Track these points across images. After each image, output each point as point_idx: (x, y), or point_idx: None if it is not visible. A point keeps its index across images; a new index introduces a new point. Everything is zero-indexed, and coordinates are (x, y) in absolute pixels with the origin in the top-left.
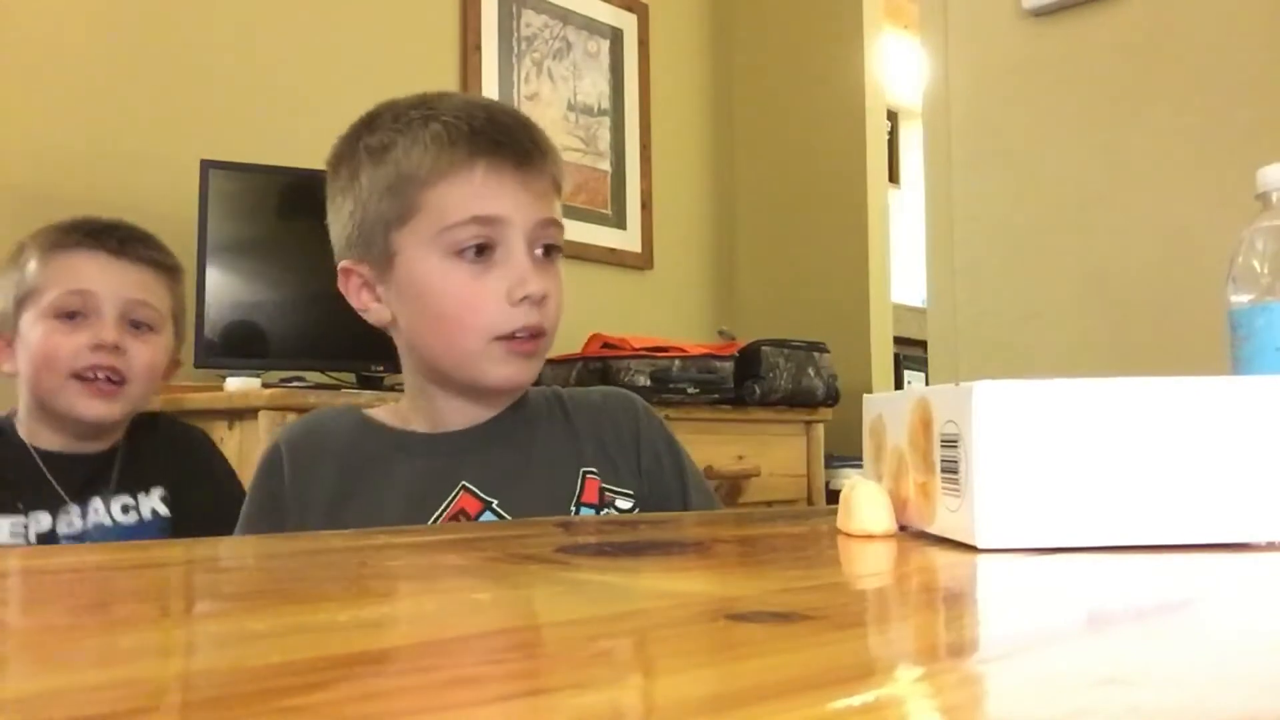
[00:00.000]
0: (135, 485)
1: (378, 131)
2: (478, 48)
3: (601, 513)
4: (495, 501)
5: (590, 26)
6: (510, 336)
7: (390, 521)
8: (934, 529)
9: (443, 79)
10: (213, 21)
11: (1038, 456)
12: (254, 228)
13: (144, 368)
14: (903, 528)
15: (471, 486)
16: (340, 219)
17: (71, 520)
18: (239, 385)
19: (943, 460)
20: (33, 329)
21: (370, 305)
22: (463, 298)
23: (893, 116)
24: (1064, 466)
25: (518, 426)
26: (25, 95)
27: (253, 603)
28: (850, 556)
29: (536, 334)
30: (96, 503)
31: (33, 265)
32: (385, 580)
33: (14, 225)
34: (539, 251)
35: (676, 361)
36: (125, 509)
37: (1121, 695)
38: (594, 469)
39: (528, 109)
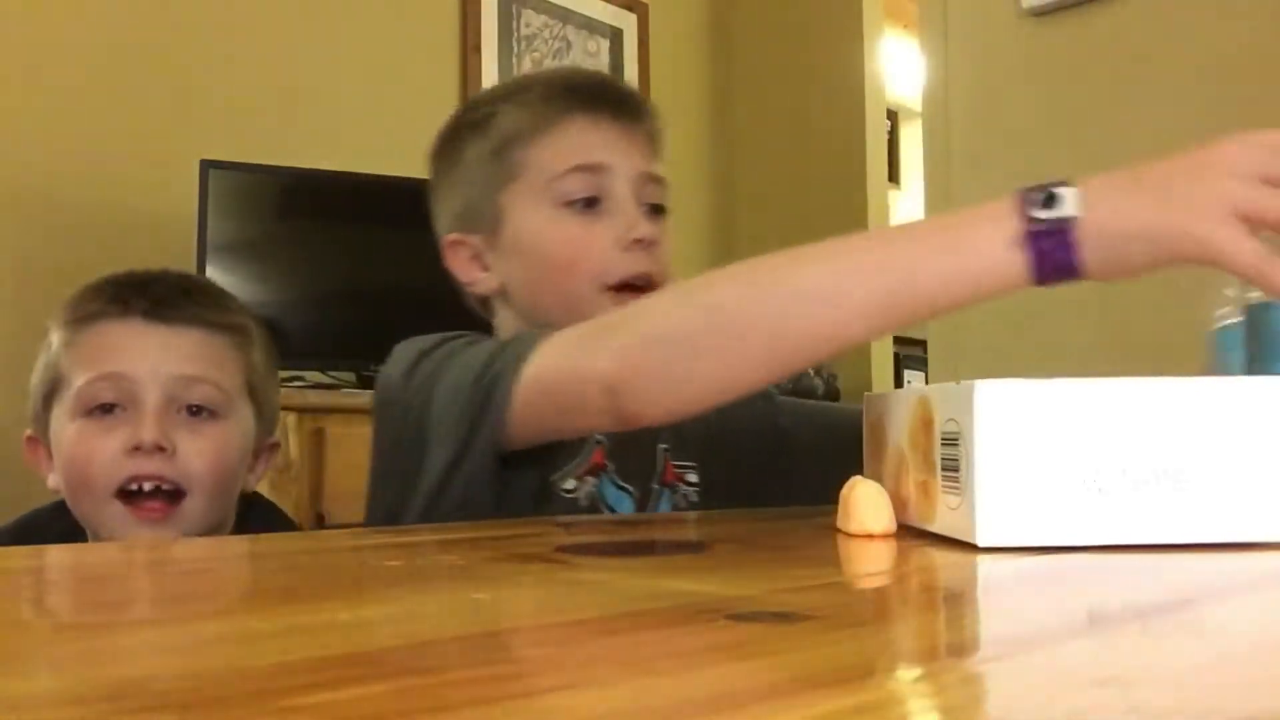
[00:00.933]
0: None
1: (479, 108)
2: (478, 48)
3: (675, 498)
4: (612, 466)
5: (590, 26)
6: (621, 287)
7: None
8: (934, 527)
9: (443, 79)
10: (212, 22)
11: (1038, 455)
12: (254, 228)
13: (207, 469)
14: (902, 527)
15: (601, 439)
16: (446, 196)
17: None
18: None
19: (943, 459)
20: (63, 432)
21: (477, 276)
22: (573, 245)
23: (893, 116)
24: (1064, 466)
25: None
26: (25, 95)
27: (253, 603)
28: (850, 556)
29: (649, 284)
30: None
31: (55, 346)
32: (385, 580)
33: (14, 225)
34: (645, 207)
35: None
36: None
37: (1122, 695)
38: (666, 444)
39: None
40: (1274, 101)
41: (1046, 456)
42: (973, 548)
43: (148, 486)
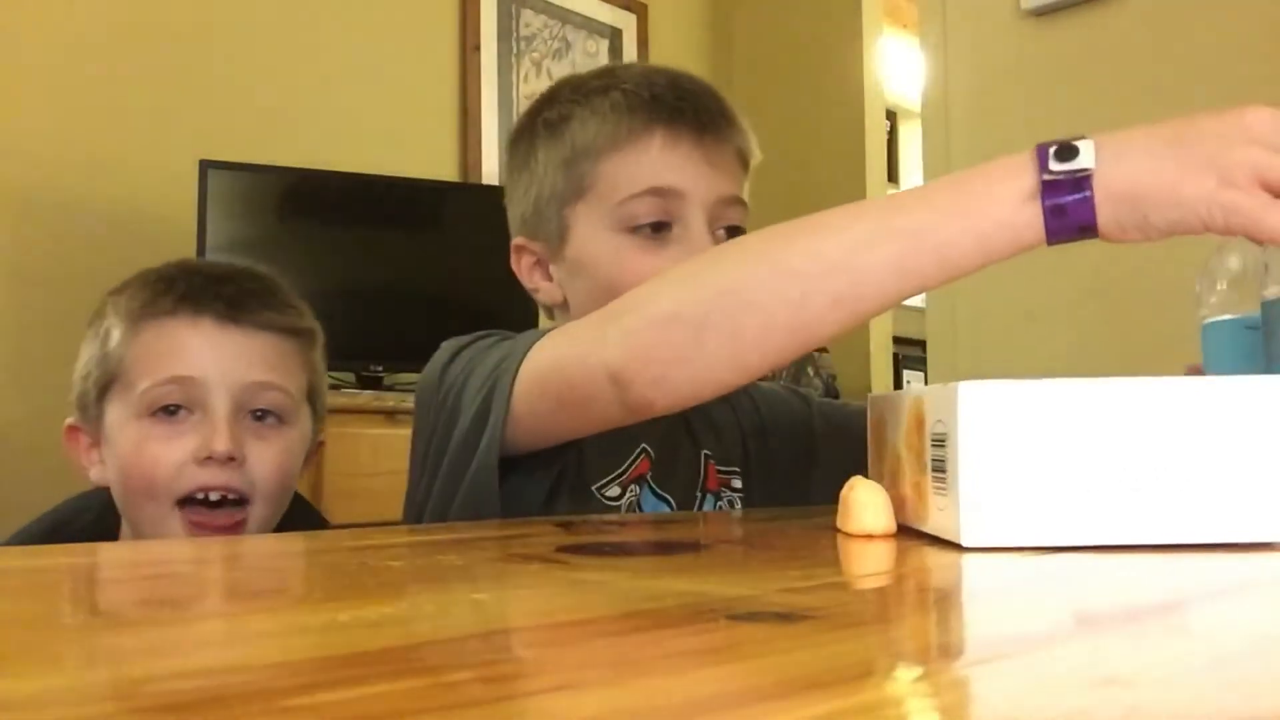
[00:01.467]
0: None
1: (556, 105)
2: (477, 48)
3: (719, 504)
4: (650, 474)
5: (589, 26)
6: None
7: (587, 465)
8: (927, 528)
9: (442, 79)
10: (212, 21)
11: (1022, 456)
12: (253, 228)
13: (272, 477)
14: (902, 528)
15: (648, 448)
16: (517, 197)
17: None
18: None
19: (933, 459)
20: (121, 432)
21: (541, 285)
22: (634, 274)
23: (892, 116)
24: (1049, 466)
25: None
26: (25, 95)
27: (253, 603)
28: (850, 556)
29: None
30: None
31: (116, 339)
32: (385, 580)
33: (14, 225)
34: (720, 232)
35: None
36: None
37: (1121, 696)
38: (710, 450)
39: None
40: (1274, 101)
41: (1031, 457)
42: (968, 548)
43: (214, 496)
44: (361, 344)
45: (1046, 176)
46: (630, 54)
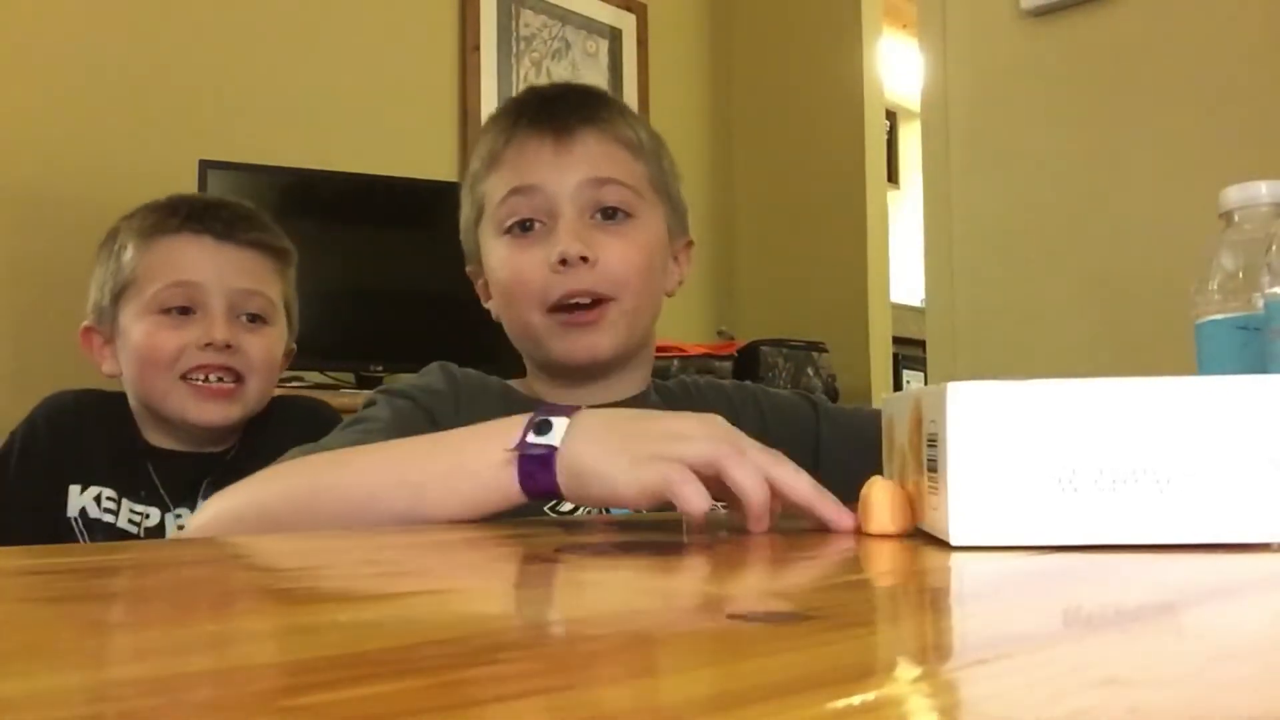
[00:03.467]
0: None
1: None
2: (476, 48)
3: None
4: None
5: (589, 26)
6: (561, 308)
7: None
8: (925, 527)
9: (442, 79)
10: (212, 22)
11: (1011, 456)
12: None
13: (261, 363)
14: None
15: None
16: (467, 216)
17: (183, 522)
18: None
19: (927, 459)
20: (134, 326)
21: (489, 303)
22: (510, 271)
23: (892, 116)
24: (1038, 466)
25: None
26: (25, 95)
27: (253, 603)
28: (851, 556)
29: (594, 300)
30: (199, 505)
31: (130, 253)
32: (385, 580)
33: (14, 225)
34: (596, 216)
35: (675, 361)
36: None
37: (1121, 696)
38: None
39: None
40: (1274, 101)
41: (1020, 457)
42: (970, 548)
43: (213, 377)
44: (361, 344)
45: (521, 449)
46: (630, 54)
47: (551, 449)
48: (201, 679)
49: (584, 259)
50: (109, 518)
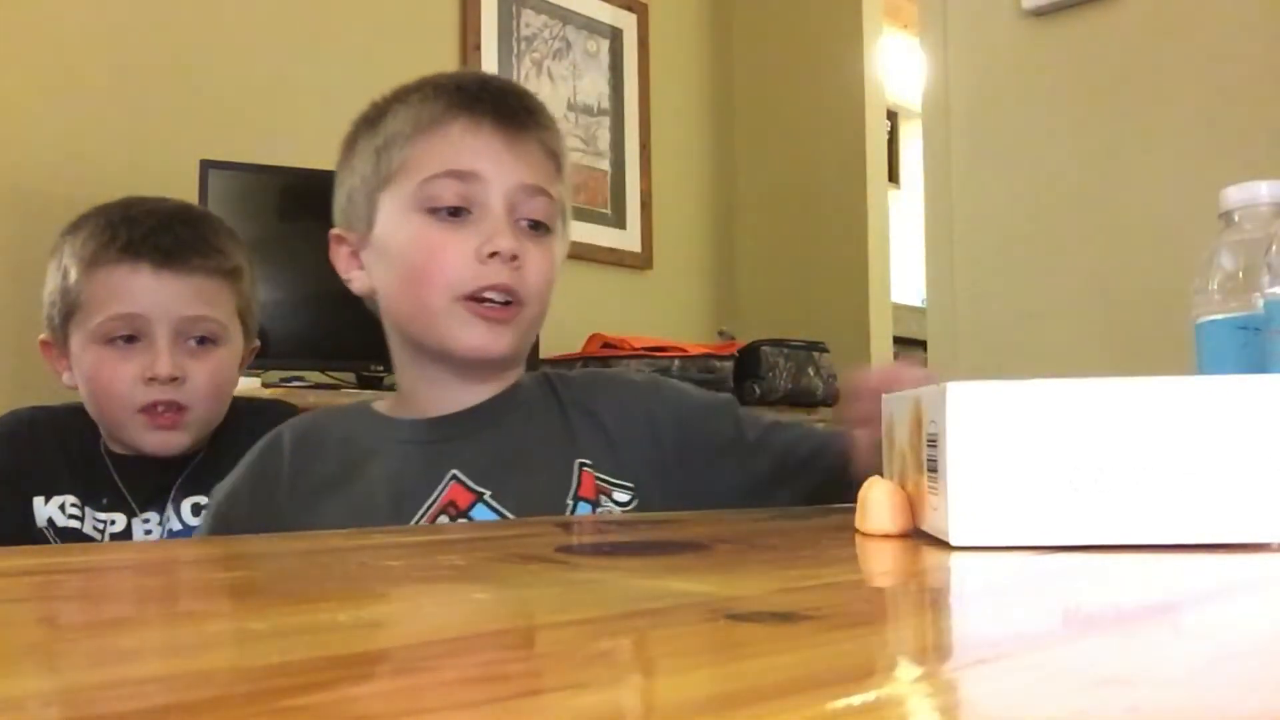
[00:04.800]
0: (213, 483)
1: (379, 104)
2: (477, 47)
3: (598, 509)
4: (488, 493)
5: (590, 26)
6: (476, 298)
7: (379, 512)
8: (925, 527)
9: None
10: (212, 22)
11: (1011, 456)
12: (253, 228)
13: (206, 388)
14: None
15: (462, 476)
16: (337, 191)
17: (150, 527)
18: (239, 385)
19: (927, 459)
20: (84, 355)
21: (353, 274)
22: (430, 252)
23: (893, 116)
24: (1038, 466)
25: (508, 413)
26: (25, 95)
27: (253, 603)
28: (851, 556)
29: (509, 300)
30: (169, 510)
31: (74, 278)
32: (385, 580)
33: (14, 225)
34: (523, 223)
35: (676, 361)
36: (196, 509)
37: (1120, 695)
38: (588, 460)
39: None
40: (1274, 101)
41: (1020, 457)
42: (970, 548)
43: (161, 409)
44: (361, 344)
45: None
46: (630, 54)
47: None
48: (201, 679)
49: (513, 258)
50: (75, 524)
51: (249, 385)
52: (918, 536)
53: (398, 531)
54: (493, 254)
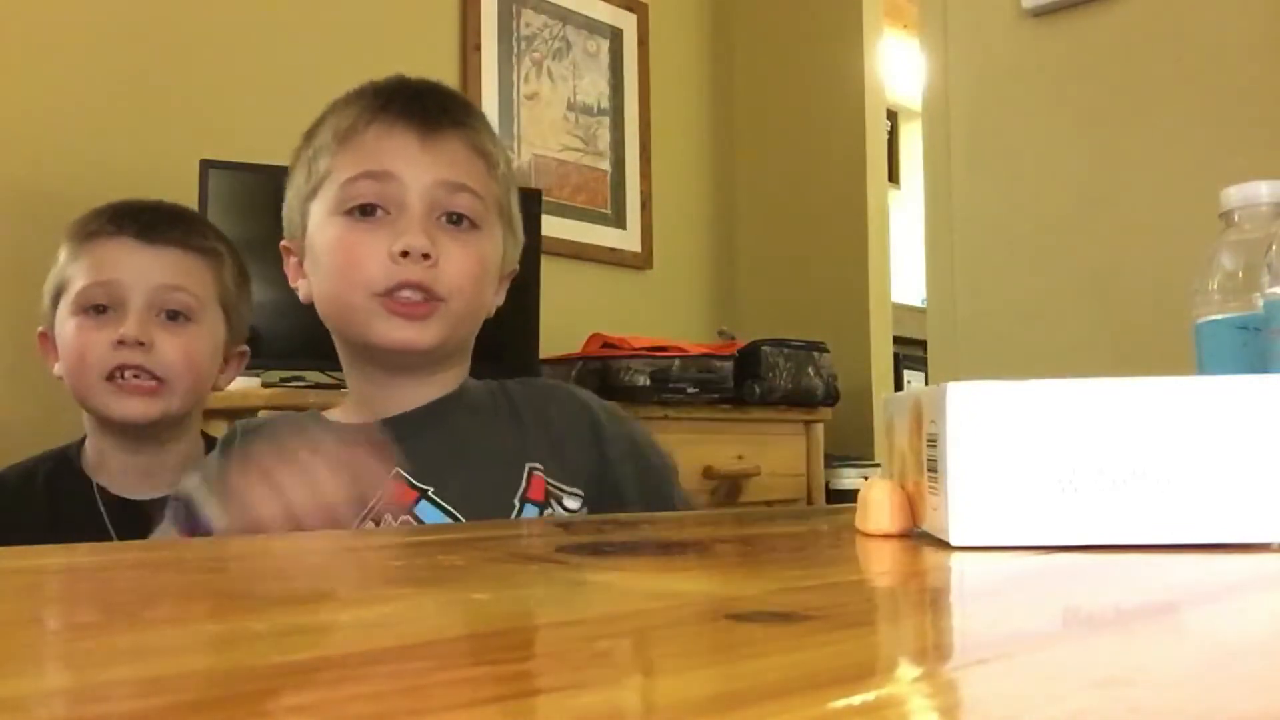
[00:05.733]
0: None
1: (320, 115)
2: (477, 47)
3: (546, 512)
4: (431, 489)
5: (590, 26)
6: (391, 295)
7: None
8: (925, 527)
9: (443, 78)
10: (212, 21)
11: (1011, 456)
12: (253, 228)
13: (179, 361)
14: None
15: (403, 474)
16: (284, 205)
17: None
18: (239, 385)
19: (927, 460)
20: (64, 327)
21: (299, 282)
22: (345, 251)
23: (893, 116)
24: (1038, 466)
25: (454, 413)
26: (25, 95)
27: (253, 603)
28: (851, 556)
29: (427, 296)
30: None
31: (63, 256)
32: (385, 580)
33: (14, 225)
34: (442, 218)
35: (676, 361)
36: None
37: (1121, 695)
38: (540, 465)
39: (527, 108)
40: (1274, 101)
41: (1020, 457)
42: (970, 548)
43: (129, 375)
44: None
45: None
46: (630, 54)
47: None
48: (201, 679)
49: (425, 256)
50: None
51: (249, 385)
52: (918, 536)
53: (398, 531)
54: (404, 253)
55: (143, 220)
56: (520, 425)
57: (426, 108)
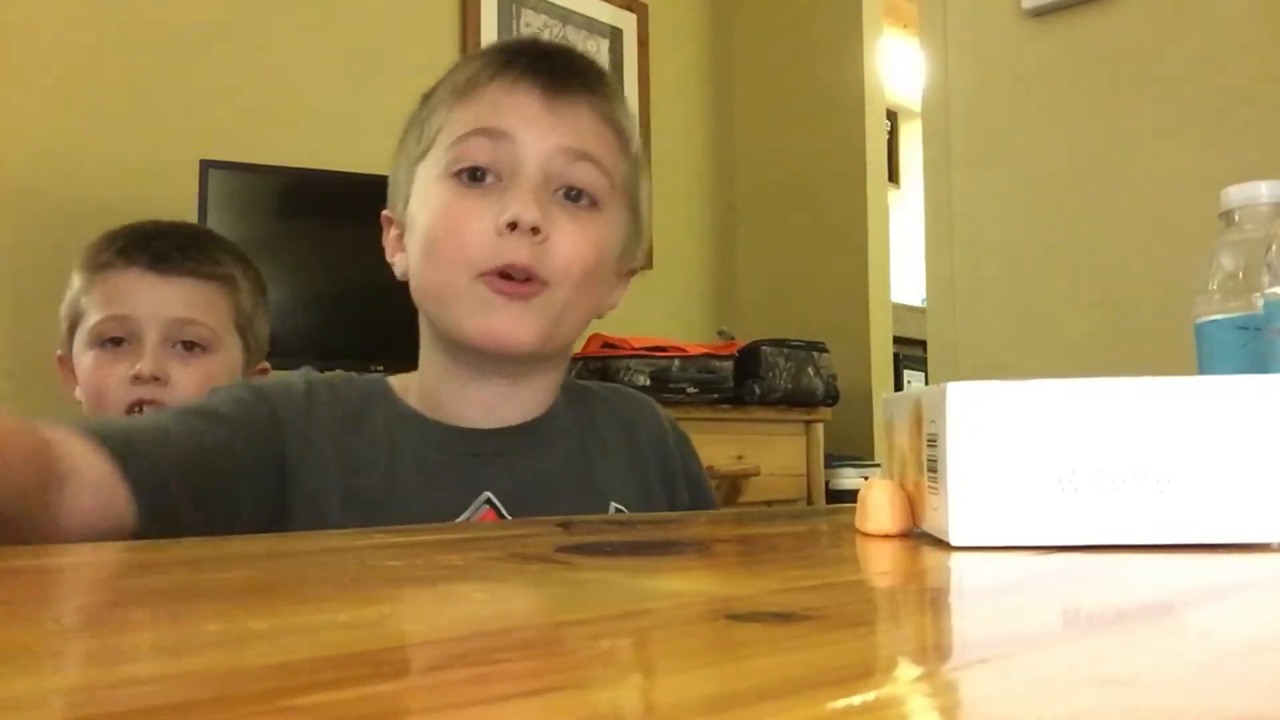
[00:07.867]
0: None
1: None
2: (478, 47)
3: None
4: None
5: (590, 26)
6: (491, 276)
7: (410, 506)
8: (925, 527)
9: None
10: (212, 22)
11: (1011, 456)
12: (254, 228)
13: (196, 394)
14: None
15: (496, 501)
16: (390, 174)
17: None
18: None
19: (927, 459)
20: (81, 360)
21: (396, 257)
22: (446, 220)
23: (893, 116)
24: (1038, 466)
25: (548, 438)
26: (25, 95)
27: (253, 603)
28: (851, 556)
29: (529, 277)
30: None
31: (76, 284)
32: (385, 580)
33: (14, 225)
34: (559, 192)
35: (676, 361)
36: None
37: (1121, 696)
38: (623, 507)
39: None
40: (1273, 101)
41: (1020, 457)
42: (970, 548)
43: (148, 410)
44: (361, 344)
45: None
46: (630, 54)
47: None
48: (201, 679)
49: (535, 230)
50: None
51: None
52: (918, 536)
53: (398, 531)
54: (511, 225)
55: (154, 250)
56: (606, 456)
57: (555, 67)
